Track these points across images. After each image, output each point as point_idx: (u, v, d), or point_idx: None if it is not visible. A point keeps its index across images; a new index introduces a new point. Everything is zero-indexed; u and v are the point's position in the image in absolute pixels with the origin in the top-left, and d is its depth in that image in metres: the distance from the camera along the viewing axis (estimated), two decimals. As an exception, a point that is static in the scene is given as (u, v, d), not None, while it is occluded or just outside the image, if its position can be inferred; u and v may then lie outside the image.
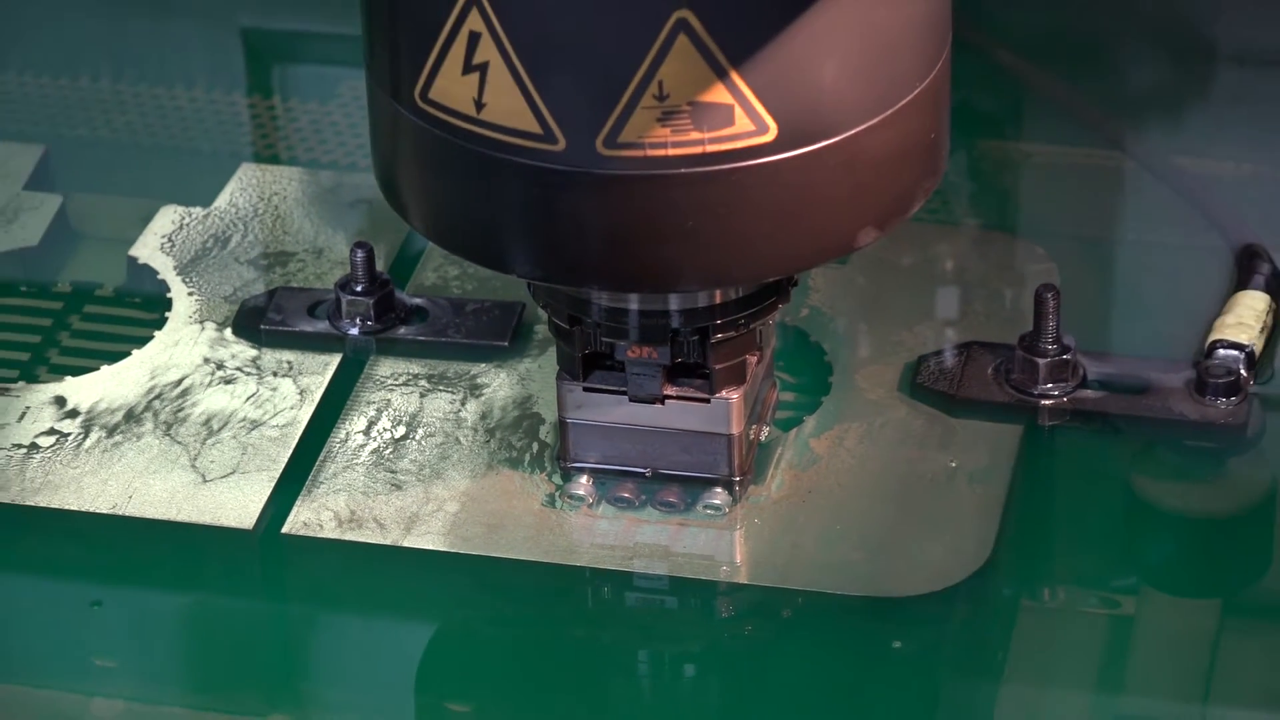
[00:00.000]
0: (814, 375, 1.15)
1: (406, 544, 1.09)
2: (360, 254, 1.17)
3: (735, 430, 1.08)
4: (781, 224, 1.00)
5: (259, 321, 1.19)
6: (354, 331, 1.18)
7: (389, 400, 1.14)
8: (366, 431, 1.13)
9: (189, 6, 1.40)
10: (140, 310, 1.19)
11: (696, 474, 1.10)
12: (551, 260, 1.02)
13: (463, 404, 1.14)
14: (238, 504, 1.10)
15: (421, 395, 1.15)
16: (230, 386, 1.15)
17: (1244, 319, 1.15)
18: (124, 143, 1.30)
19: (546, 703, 1.05)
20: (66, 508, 1.11)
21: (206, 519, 1.10)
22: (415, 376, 1.16)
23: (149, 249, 1.22)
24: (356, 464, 1.12)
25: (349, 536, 1.09)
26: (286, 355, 1.17)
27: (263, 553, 1.09)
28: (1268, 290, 1.17)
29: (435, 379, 1.16)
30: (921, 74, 1.00)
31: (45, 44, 1.37)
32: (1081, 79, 1.32)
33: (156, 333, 1.18)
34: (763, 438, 1.11)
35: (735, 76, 0.96)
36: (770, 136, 0.97)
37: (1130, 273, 1.22)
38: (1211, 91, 1.34)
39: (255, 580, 1.10)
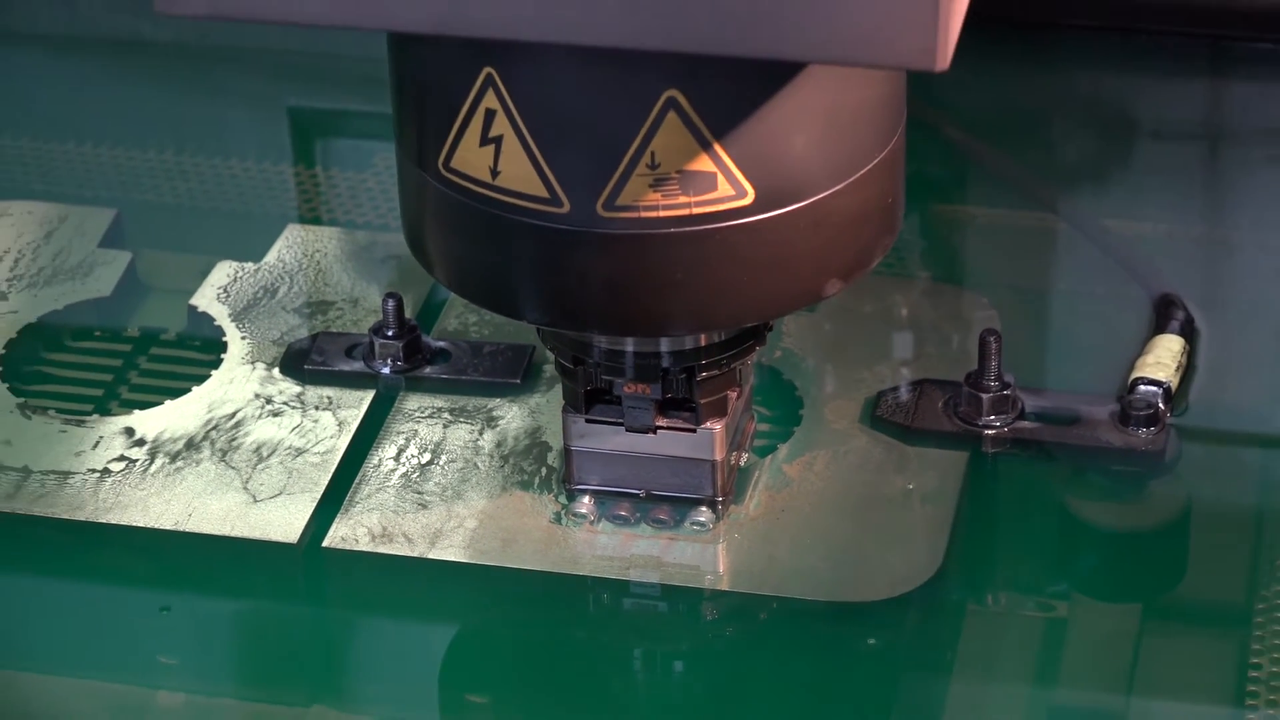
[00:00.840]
0: (786, 408, 1.15)
1: (431, 556, 1.09)
2: (391, 303, 1.17)
3: (718, 456, 1.08)
4: (758, 276, 1.00)
5: (303, 362, 1.19)
6: (386, 371, 1.18)
7: (416, 430, 1.15)
8: (396, 458, 1.13)
9: (243, 89, 1.40)
10: (199, 352, 1.19)
11: (684, 494, 1.10)
12: (557, 308, 1.02)
13: (480, 434, 1.14)
14: (284, 521, 1.10)
15: (444, 426, 1.15)
16: (278, 418, 1.15)
17: (1162, 359, 1.15)
18: (185, 207, 1.30)
19: (552, 695, 1.05)
20: (134, 524, 1.11)
21: (257, 534, 1.10)
22: (439, 410, 1.16)
23: (207, 299, 1.22)
24: (388, 486, 1.12)
25: (381, 549, 1.09)
26: (327, 391, 1.17)
27: (306, 564, 1.09)
28: (1182, 334, 1.17)
29: (456, 412, 1.16)
30: (880, 146, 1.01)
31: (117, 120, 1.37)
32: (1019, 152, 1.32)
33: (213, 372, 1.18)
34: (742, 463, 1.12)
35: (718, 148, 0.96)
36: (748, 200, 0.97)
37: (1062, 319, 1.22)
38: (1132, 163, 1.34)
39: (299, 588, 1.10)
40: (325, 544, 1.10)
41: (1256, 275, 1.26)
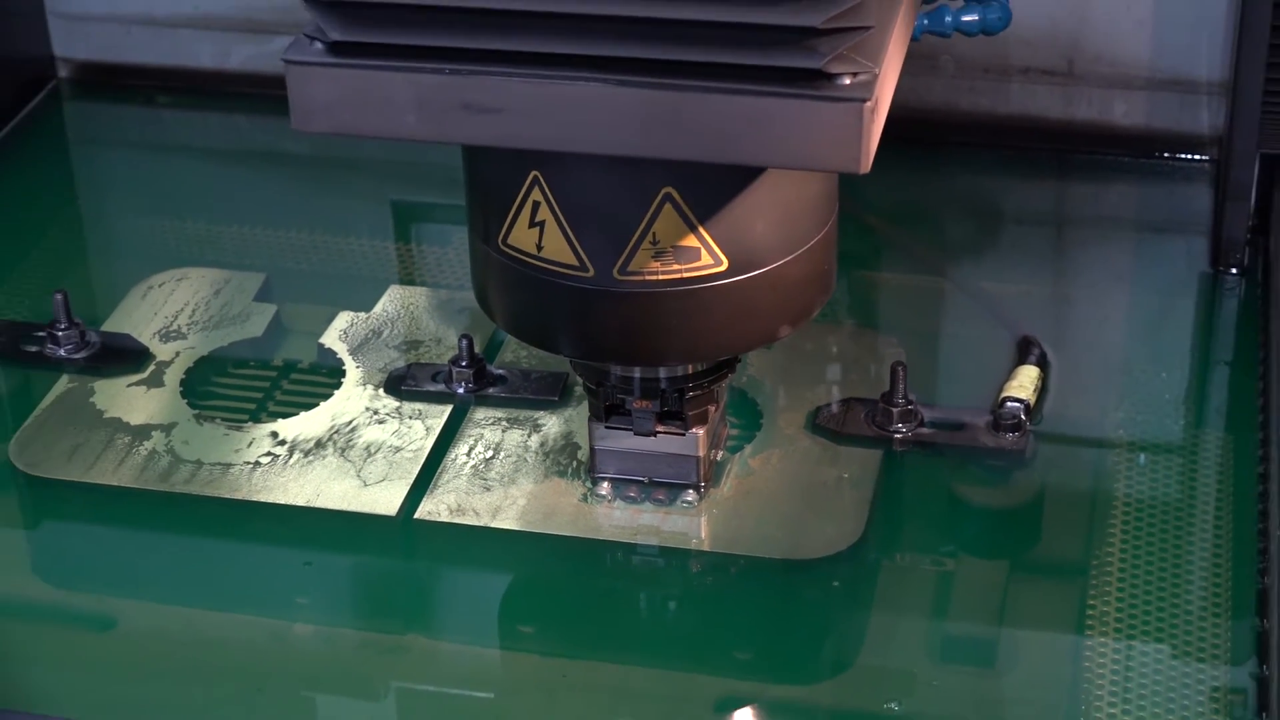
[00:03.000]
0: (750, 418, 1.15)
1: (493, 525, 1.08)
2: (464, 342, 1.17)
3: (701, 453, 1.08)
4: (730, 323, 0.99)
5: (400, 384, 1.18)
6: (460, 391, 1.17)
7: (482, 434, 1.14)
8: (467, 454, 1.13)
9: (357, 187, 1.40)
10: (326, 377, 1.19)
11: (676, 481, 1.09)
12: (584, 346, 1.02)
13: (529, 436, 1.14)
14: (386, 499, 1.10)
15: (503, 431, 1.14)
16: (382, 425, 1.15)
17: (1023, 383, 1.14)
18: (316, 272, 1.30)
19: (579, 625, 1.05)
20: (277, 502, 1.10)
21: (366, 509, 1.09)
22: (499, 419, 1.15)
23: (331, 338, 1.22)
24: (461, 474, 1.11)
25: (456, 520, 1.08)
26: (418, 406, 1.16)
27: (402, 531, 1.09)
28: (1038, 365, 1.16)
29: (511, 421, 1.15)
30: (819, 227, 1.00)
31: (267, 209, 1.37)
32: (918, 233, 1.32)
33: (335, 391, 1.18)
34: (718, 458, 1.11)
35: (701, 229, 0.95)
36: (724, 268, 0.97)
37: (950, 354, 1.22)
38: (999, 241, 1.34)
39: (397, 548, 1.09)
40: (416, 516, 1.09)
41: (1090, 322, 1.25)
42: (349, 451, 1.13)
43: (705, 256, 0.96)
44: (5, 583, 1.08)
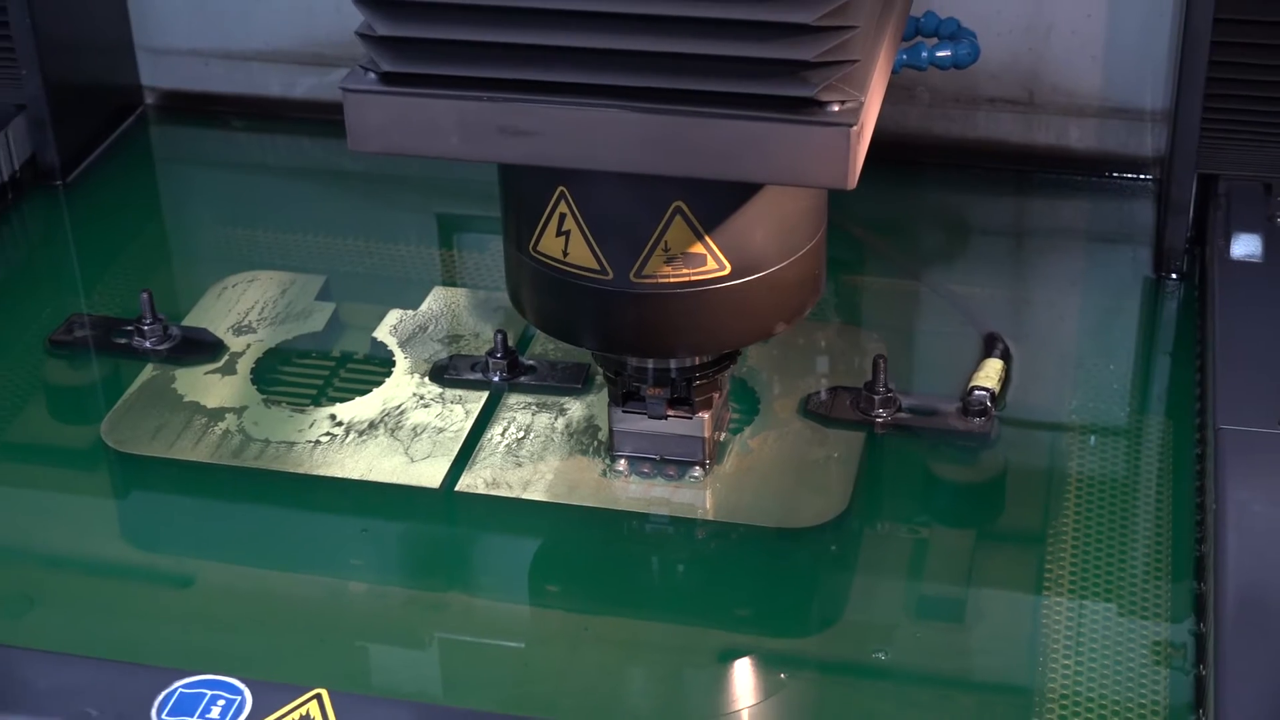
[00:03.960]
0: (749, 404, 1.14)
1: (524, 497, 1.08)
2: (499, 336, 1.16)
3: (706, 434, 1.07)
4: (732, 321, 0.99)
5: (444, 373, 1.17)
6: (496, 379, 1.16)
7: (514, 417, 1.13)
8: (501, 434, 1.12)
9: (407, 200, 1.40)
10: (378, 367, 1.18)
11: (685, 459, 1.08)
12: (604, 340, 1.01)
13: (555, 419, 1.13)
14: (431, 473, 1.09)
15: (532, 414, 1.14)
16: (427, 409, 1.14)
17: (989, 374, 1.14)
18: (369, 275, 1.30)
19: (600, 583, 1.05)
20: (335, 476, 1.10)
21: (413, 482, 1.09)
22: (529, 404, 1.15)
23: (384, 332, 1.21)
24: (496, 452, 1.11)
25: (491, 493, 1.08)
26: (458, 392, 1.16)
27: (444, 501, 1.08)
28: (1001, 358, 1.16)
29: (540, 406, 1.14)
30: (810, 237, 1.00)
31: (328, 219, 1.37)
32: (896, 242, 1.32)
33: (386, 379, 1.17)
34: (721, 439, 1.10)
35: (707, 238, 0.95)
36: (727, 271, 0.96)
37: (924, 348, 1.22)
38: (966, 249, 1.34)
39: (440, 517, 1.09)
40: (456, 489, 1.08)
41: (1047, 321, 1.25)
42: (398, 432, 1.13)
43: (711, 262, 0.96)
44: (98, 546, 1.08)
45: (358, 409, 1.15)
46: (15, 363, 1.22)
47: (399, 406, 1.15)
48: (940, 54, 1.28)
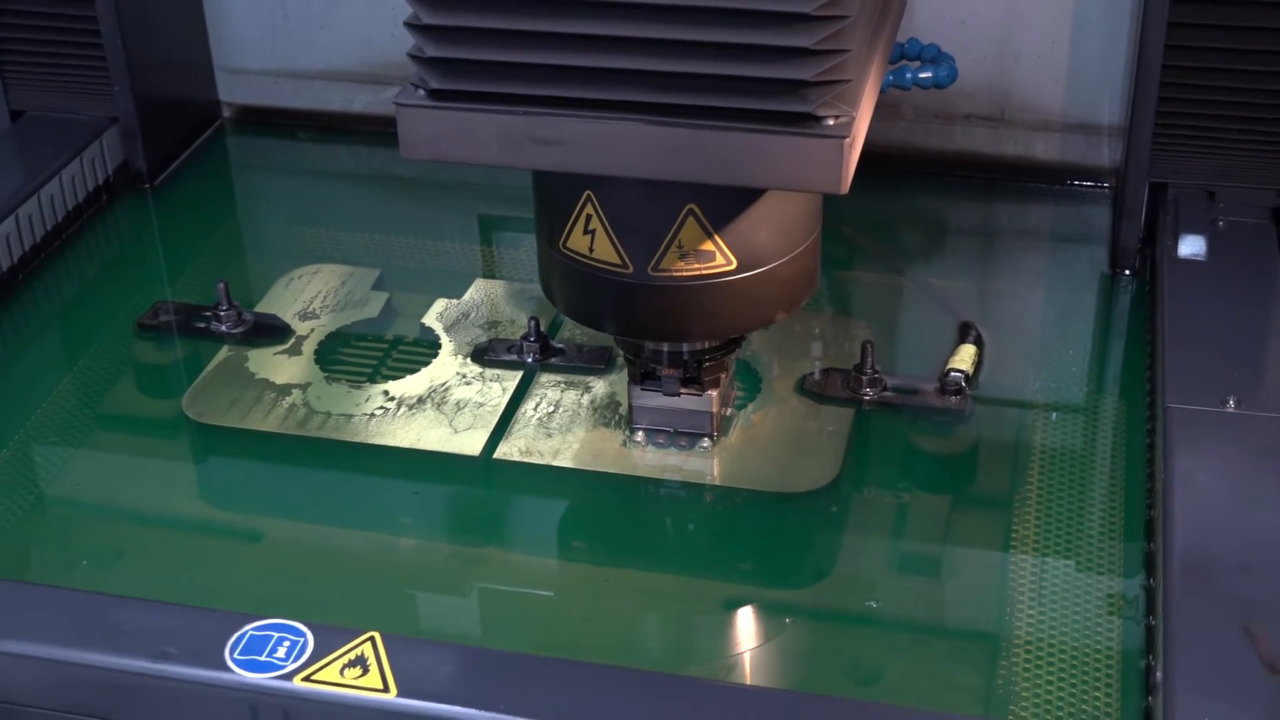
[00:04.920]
0: (752, 383, 1.13)
1: (553, 464, 1.07)
2: (533, 322, 1.16)
3: (714, 410, 1.06)
4: (737, 310, 0.98)
5: (484, 355, 1.17)
6: (529, 360, 1.16)
7: (545, 394, 1.13)
8: (534, 409, 1.12)
9: (452, 203, 1.39)
10: (426, 349, 1.18)
11: (695, 431, 1.07)
12: (625, 326, 1.01)
13: (582, 395, 1.13)
14: (472, 443, 1.09)
15: (561, 391, 1.13)
16: (469, 386, 1.14)
17: (963, 358, 1.13)
18: (418, 268, 1.29)
19: (620, 541, 1.04)
20: (388, 444, 1.09)
21: (456, 450, 1.08)
22: (558, 382, 1.14)
23: (431, 318, 1.21)
24: (529, 425, 1.10)
25: (525, 460, 1.07)
26: (496, 371, 1.15)
27: (483, 467, 1.08)
28: (974, 344, 1.15)
29: (568, 383, 1.14)
30: (807, 235, 0.99)
31: (382, 218, 1.37)
32: (882, 241, 1.31)
33: (433, 359, 1.17)
34: (727, 413, 1.09)
35: (716, 237, 0.94)
36: (733, 266, 0.96)
37: (907, 334, 1.21)
38: (945, 247, 1.33)
39: (480, 481, 1.08)
40: (494, 456, 1.08)
41: (1015, 311, 1.24)
42: (443, 406, 1.12)
43: (719, 258, 0.95)
44: (179, 505, 1.08)
45: (408, 386, 1.14)
46: (108, 344, 1.21)
47: (444, 384, 1.14)
48: (923, 75, 1.29)
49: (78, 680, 0.89)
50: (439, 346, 1.19)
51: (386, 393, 1.14)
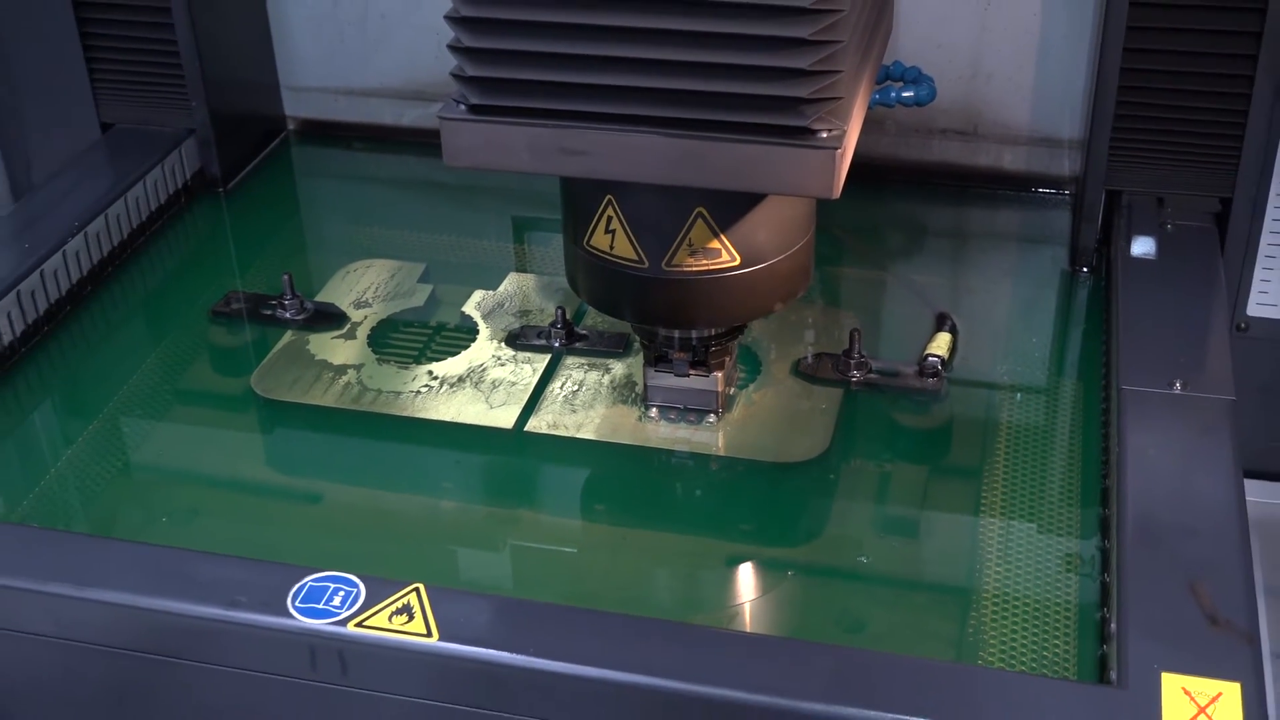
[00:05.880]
0: (753, 366, 1.13)
1: (578, 436, 1.06)
2: (560, 311, 1.15)
3: (720, 389, 1.06)
4: (740, 301, 0.97)
5: (517, 340, 1.16)
6: (557, 345, 1.15)
7: (571, 374, 1.12)
8: (561, 387, 1.11)
9: (488, 206, 1.38)
10: (465, 335, 1.17)
11: (702, 408, 1.07)
12: (641, 315, 1.00)
13: (603, 376, 1.12)
14: (505, 417, 1.08)
15: (584, 372, 1.13)
16: (503, 367, 1.13)
17: (940, 344, 1.12)
18: (460, 263, 1.29)
19: (636, 503, 1.03)
20: (432, 418, 1.09)
21: (491, 424, 1.08)
22: (582, 364, 1.14)
23: (470, 307, 1.20)
24: (556, 401, 1.10)
25: (552, 432, 1.07)
26: (528, 354, 1.15)
27: (516, 439, 1.07)
28: (950, 332, 1.14)
29: (590, 365, 1.13)
30: (803, 235, 0.98)
31: (427, 220, 1.37)
32: (868, 241, 1.30)
33: (471, 344, 1.16)
34: (730, 392, 1.09)
35: (722, 236, 0.94)
36: (737, 263, 0.95)
37: (890, 324, 1.20)
38: (924, 247, 1.32)
39: (513, 451, 1.07)
40: (525, 429, 1.07)
41: (986, 303, 1.23)
42: (480, 384, 1.12)
43: (725, 255, 0.95)
44: (247, 470, 1.08)
45: (449, 366, 1.14)
46: (185, 329, 1.21)
47: (481, 365, 1.14)
48: (905, 94, 1.28)
49: (159, 625, 0.89)
50: (477, 332, 1.18)
51: (430, 372, 1.14)
